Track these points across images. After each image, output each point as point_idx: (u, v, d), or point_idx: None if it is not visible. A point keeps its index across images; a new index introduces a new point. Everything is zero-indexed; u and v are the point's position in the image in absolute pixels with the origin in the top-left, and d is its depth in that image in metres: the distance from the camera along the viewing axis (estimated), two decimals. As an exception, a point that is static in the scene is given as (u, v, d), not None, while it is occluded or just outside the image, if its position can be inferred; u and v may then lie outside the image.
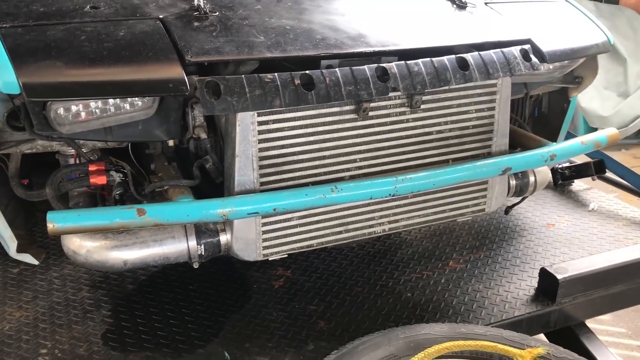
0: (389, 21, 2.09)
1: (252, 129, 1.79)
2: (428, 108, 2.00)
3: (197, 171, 1.92)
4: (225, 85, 1.66)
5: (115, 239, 1.81)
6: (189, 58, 1.68)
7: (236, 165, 1.81)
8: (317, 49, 1.83)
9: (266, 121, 1.81)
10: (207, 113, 1.68)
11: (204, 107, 1.66)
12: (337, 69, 1.78)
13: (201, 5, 1.88)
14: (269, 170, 1.86)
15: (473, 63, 1.91)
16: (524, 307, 2.16)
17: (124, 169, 1.94)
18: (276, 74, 1.71)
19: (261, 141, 1.82)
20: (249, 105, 1.68)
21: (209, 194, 2.01)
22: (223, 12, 1.91)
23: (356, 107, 1.89)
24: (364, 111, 1.89)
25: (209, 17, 1.87)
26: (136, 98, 1.72)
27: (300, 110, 1.83)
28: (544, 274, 2.21)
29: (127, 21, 1.80)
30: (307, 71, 1.74)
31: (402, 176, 1.88)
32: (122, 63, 1.65)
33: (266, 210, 1.75)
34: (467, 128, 2.09)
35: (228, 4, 1.97)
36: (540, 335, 2.27)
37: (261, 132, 1.81)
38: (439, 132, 2.05)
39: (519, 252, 2.51)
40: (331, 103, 1.81)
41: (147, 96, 1.71)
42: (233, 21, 1.88)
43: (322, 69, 1.79)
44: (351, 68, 1.79)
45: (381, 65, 1.82)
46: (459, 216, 2.19)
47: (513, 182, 2.32)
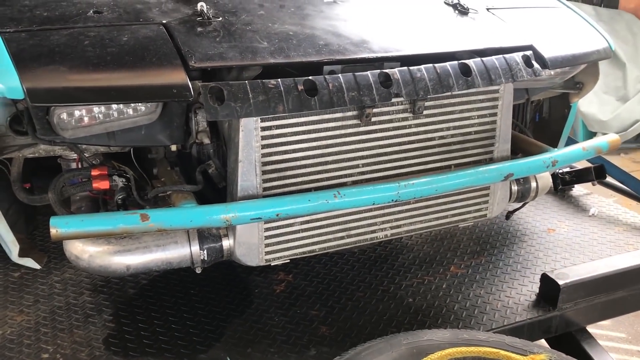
0: (392, 27, 2.09)
1: (255, 135, 1.79)
2: (430, 114, 2.01)
3: (200, 176, 1.92)
4: (228, 91, 1.66)
5: (118, 244, 1.80)
6: (193, 64, 1.69)
7: (239, 170, 1.81)
8: (320, 55, 1.84)
9: (269, 127, 1.81)
10: (211, 119, 1.68)
11: (208, 113, 1.66)
12: (340, 75, 1.78)
13: (204, 10, 1.88)
14: (272, 175, 1.86)
15: (475, 69, 1.92)
16: (525, 313, 2.16)
17: (127, 174, 1.94)
18: (279, 80, 1.72)
19: (264, 146, 1.82)
20: (253, 111, 1.68)
21: (211, 199, 2.01)
22: (226, 18, 1.92)
23: (359, 113, 1.90)
24: (367, 117, 1.90)
25: (212, 23, 1.87)
26: (139, 103, 1.72)
27: (303, 115, 1.83)
28: (545, 280, 2.21)
29: (131, 26, 1.81)
30: (310, 77, 1.75)
31: (405, 182, 1.88)
32: (126, 68, 1.66)
33: (269, 215, 1.76)
34: (470, 134, 2.09)
35: (231, 10, 1.97)
36: (541, 340, 2.28)
37: (264, 138, 1.81)
38: (442, 138, 2.05)
39: (520, 257, 2.51)
40: (334, 109, 1.82)
41: (151, 102, 1.71)
42: (236, 27, 1.88)
43: (325, 75, 1.79)
44: (354, 74, 1.79)
45: (384, 71, 1.82)
46: (461, 222, 2.19)
47: (515, 188, 2.32)
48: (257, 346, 1.99)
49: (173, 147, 2.01)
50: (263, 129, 1.80)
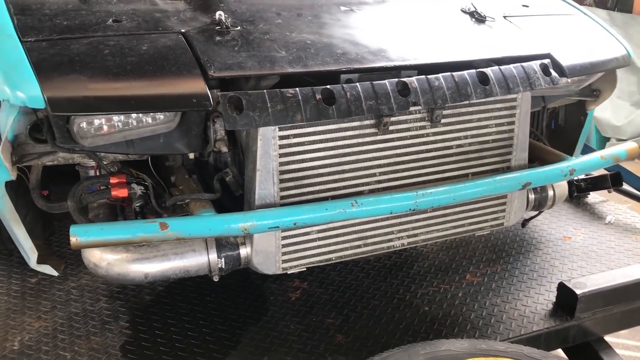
0: (409, 35, 2.09)
1: (273, 144, 1.79)
2: (448, 122, 2.00)
3: (218, 184, 1.92)
4: (247, 100, 1.67)
5: (136, 252, 1.81)
6: (212, 73, 1.69)
7: (257, 179, 1.81)
8: (338, 64, 1.84)
9: (287, 135, 1.81)
10: (230, 128, 1.69)
11: (227, 122, 1.66)
12: (358, 84, 1.78)
13: (222, 19, 1.89)
14: (290, 184, 1.86)
15: (493, 78, 1.91)
16: (542, 322, 2.15)
17: (145, 182, 1.95)
18: (297, 89, 1.72)
19: (282, 155, 1.82)
20: (271, 120, 1.68)
21: (228, 207, 2.02)
22: (244, 27, 1.92)
23: (376, 122, 1.89)
24: (385, 125, 1.89)
25: (231, 32, 1.88)
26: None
27: (320, 124, 1.83)
28: (563, 289, 2.19)
29: (150, 35, 1.81)
30: (328, 86, 1.75)
31: (423, 191, 1.88)
32: (146, 78, 1.66)
33: (287, 224, 1.76)
34: (487, 142, 2.08)
35: (249, 18, 1.98)
36: (558, 350, 2.26)
37: (282, 147, 1.81)
38: (459, 147, 2.04)
39: (536, 266, 2.50)
40: (352, 117, 1.81)
41: (171, 111, 1.72)
42: (254, 35, 1.88)
43: (343, 84, 1.79)
44: (372, 83, 1.79)
45: (402, 80, 1.82)
46: (478, 230, 2.18)
47: (532, 196, 2.31)
48: (274, 355, 1.99)
49: (191, 155, 2.02)
50: (281, 138, 1.80)
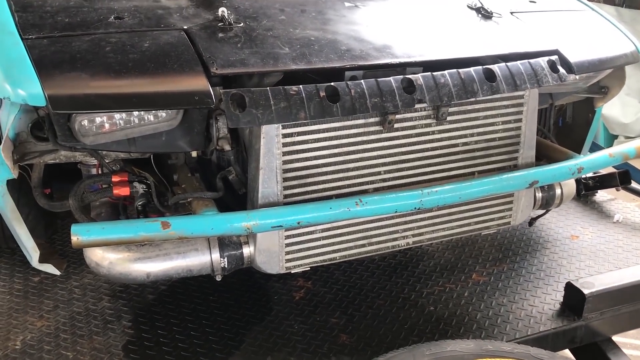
0: (414, 31, 2.06)
1: (277, 142, 1.77)
2: (454, 120, 1.97)
3: (221, 183, 1.90)
4: (250, 97, 1.65)
5: (138, 251, 1.79)
6: (215, 70, 1.67)
7: (260, 177, 1.79)
8: (343, 61, 1.81)
9: (290, 133, 1.79)
10: (232, 126, 1.66)
11: (229, 120, 1.64)
12: (363, 81, 1.76)
13: (225, 16, 1.86)
14: (293, 182, 1.84)
15: (500, 74, 1.88)
16: (550, 322, 2.12)
17: (147, 180, 1.93)
18: (301, 87, 1.70)
19: (285, 153, 1.80)
20: (274, 118, 1.66)
21: (231, 205, 2.00)
22: (247, 23, 1.90)
23: (381, 119, 1.87)
24: (390, 123, 1.87)
25: (234, 28, 1.85)
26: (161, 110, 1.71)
27: (324, 122, 1.81)
28: (570, 289, 2.16)
29: (152, 32, 1.79)
30: (332, 83, 1.72)
31: (428, 189, 1.85)
32: (148, 75, 1.64)
33: (290, 223, 1.73)
34: (494, 140, 2.05)
35: (252, 15, 1.95)
36: (565, 351, 2.23)
37: (285, 145, 1.79)
38: (465, 145, 2.01)
39: (543, 265, 2.47)
40: (356, 115, 1.79)
41: (173, 109, 1.70)
42: (257, 32, 1.86)
43: (347, 81, 1.77)
44: (377, 80, 1.76)
45: (407, 76, 1.79)
46: (484, 229, 2.15)
47: (539, 195, 2.28)
48: (277, 354, 1.97)
49: (193, 154, 2.00)
50: (284, 136, 1.78)
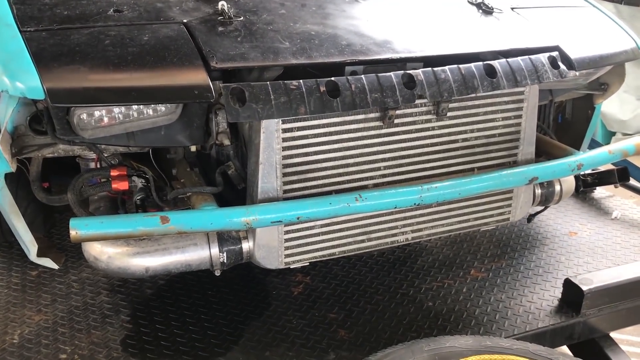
0: (414, 27, 2.05)
1: (277, 136, 1.76)
2: (454, 116, 1.97)
3: (220, 178, 1.90)
4: (250, 92, 1.64)
5: (137, 246, 1.79)
6: (214, 64, 1.66)
7: (260, 172, 1.78)
8: (343, 55, 1.81)
9: (290, 128, 1.78)
10: (232, 120, 1.66)
11: (229, 114, 1.64)
12: (363, 76, 1.75)
13: (225, 9, 1.86)
14: (293, 177, 1.83)
15: (500, 70, 1.87)
16: (548, 319, 2.12)
17: (146, 175, 1.92)
18: (301, 81, 1.69)
19: (285, 148, 1.79)
20: (274, 112, 1.65)
21: (230, 200, 1.99)
22: (247, 17, 1.89)
23: (381, 115, 1.86)
24: (390, 118, 1.86)
25: (234, 22, 1.84)
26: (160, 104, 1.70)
27: (325, 117, 1.80)
28: (569, 285, 2.17)
29: (151, 25, 1.78)
30: (333, 78, 1.72)
31: (428, 185, 1.85)
32: (147, 69, 1.63)
33: (290, 218, 1.73)
34: (494, 136, 2.05)
35: (252, 9, 1.94)
36: (563, 347, 2.24)
37: (285, 140, 1.78)
38: (465, 140, 2.01)
39: (542, 261, 2.47)
40: (356, 110, 1.78)
41: (172, 103, 1.69)
42: (257, 26, 1.85)
43: (347, 76, 1.76)
44: (377, 75, 1.76)
45: (407, 72, 1.79)
46: (483, 225, 2.15)
47: (538, 191, 2.28)
48: (276, 349, 1.97)
49: (193, 148, 1.99)
50: (284, 131, 1.77)
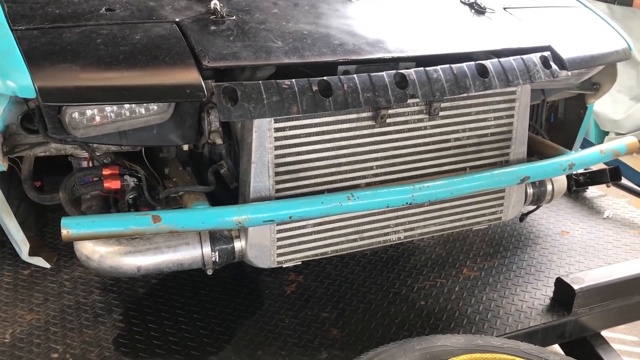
0: (407, 26, 2.06)
1: (269, 136, 1.77)
2: (446, 115, 1.97)
3: (212, 177, 1.90)
4: (242, 91, 1.64)
5: (128, 245, 1.79)
6: (206, 63, 1.66)
7: (252, 171, 1.78)
8: (335, 55, 1.81)
9: (283, 127, 1.78)
10: (224, 119, 1.66)
11: (221, 114, 1.64)
12: (355, 76, 1.75)
13: (218, 8, 1.86)
14: (285, 177, 1.83)
15: (492, 70, 1.88)
16: (539, 317, 2.13)
17: (138, 173, 1.92)
18: (294, 80, 1.69)
19: (277, 148, 1.79)
20: (266, 111, 1.66)
21: (223, 199, 1.99)
22: (240, 16, 1.89)
23: (374, 114, 1.87)
24: (382, 118, 1.87)
25: (226, 21, 1.84)
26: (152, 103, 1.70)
27: (317, 116, 1.81)
28: (560, 284, 2.18)
29: (143, 24, 1.78)
30: (325, 77, 1.72)
31: (420, 184, 1.86)
32: (139, 68, 1.63)
33: (282, 218, 1.73)
34: (486, 136, 2.06)
35: (245, 8, 1.94)
36: (555, 345, 2.25)
37: (277, 139, 1.78)
38: (457, 140, 2.02)
39: (534, 260, 2.48)
40: (349, 110, 1.79)
41: (164, 102, 1.69)
42: (250, 25, 1.85)
43: (340, 75, 1.77)
44: (369, 74, 1.76)
45: (400, 71, 1.79)
46: (476, 224, 2.16)
47: (530, 191, 2.29)
48: (268, 348, 1.97)
49: (185, 147, 1.99)
50: (276, 130, 1.78)
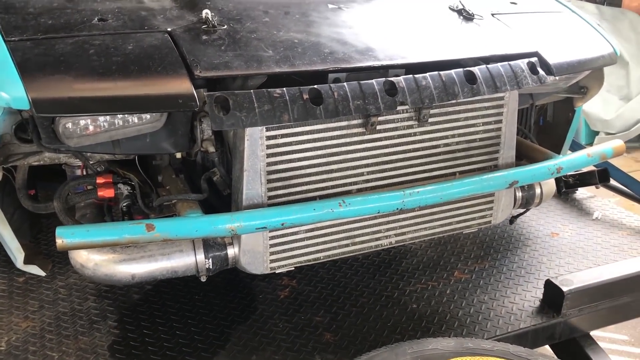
0: (396, 34, 2.08)
1: (261, 144, 1.79)
2: (435, 122, 2.00)
3: (205, 184, 1.92)
4: (234, 100, 1.66)
5: (123, 253, 1.80)
6: (198, 73, 1.68)
7: (244, 179, 1.81)
8: (326, 63, 1.83)
9: (274, 135, 1.81)
10: (216, 128, 1.68)
11: (213, 122, 1.66)
12: (345, 84, 1.78)
13: (209, 18, 1.87)
14: (277, 184, 1.86)
15: (481, 76, 1.91)
16: (529, 319, 2.16)
17: (132, 182, 1.94)
18: (285, 89, 1.71)
19: (269, 155, 1.82)
20: (258, 120, 1.68)
21: (216, 206, 2.01)
22: (231, 25, 1.91)
23: (364, 121, 1.89)
24: (372, 125, 1.89)
25: (217, 30, 1.86)
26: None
27: (308, 124, 1.83)
28: (549, 286, 2.21)
29: (136, 34, 1.80)
30: (316, 86, 1.74)
31: (410, 190, 1.88)
32: (131, 78, 1.65)
33: (274, 225, 1.76)
34: (474, 141, 2.09)
35: (236, 17, 1.96)
36: (545, 347, 2.28)
37: (269, 147, 1.81)
38: (446, 146, 2.05)
39: (524, 262, 2.51)
40: (339, 117, 1.81)
41: (157, 112, 1.71)
42: (241, 34, 1.87)
43: (330, 83, 1.79)
44: (359, 82, 1.79)
45: (389, 79, 1.82)
46: (466, 228, 2.19)
47: (519, 194, 2.32)
48: (262, 353, 1.99)
49: (178, 155, 2.01)
50: (268, 138, 1.80)
